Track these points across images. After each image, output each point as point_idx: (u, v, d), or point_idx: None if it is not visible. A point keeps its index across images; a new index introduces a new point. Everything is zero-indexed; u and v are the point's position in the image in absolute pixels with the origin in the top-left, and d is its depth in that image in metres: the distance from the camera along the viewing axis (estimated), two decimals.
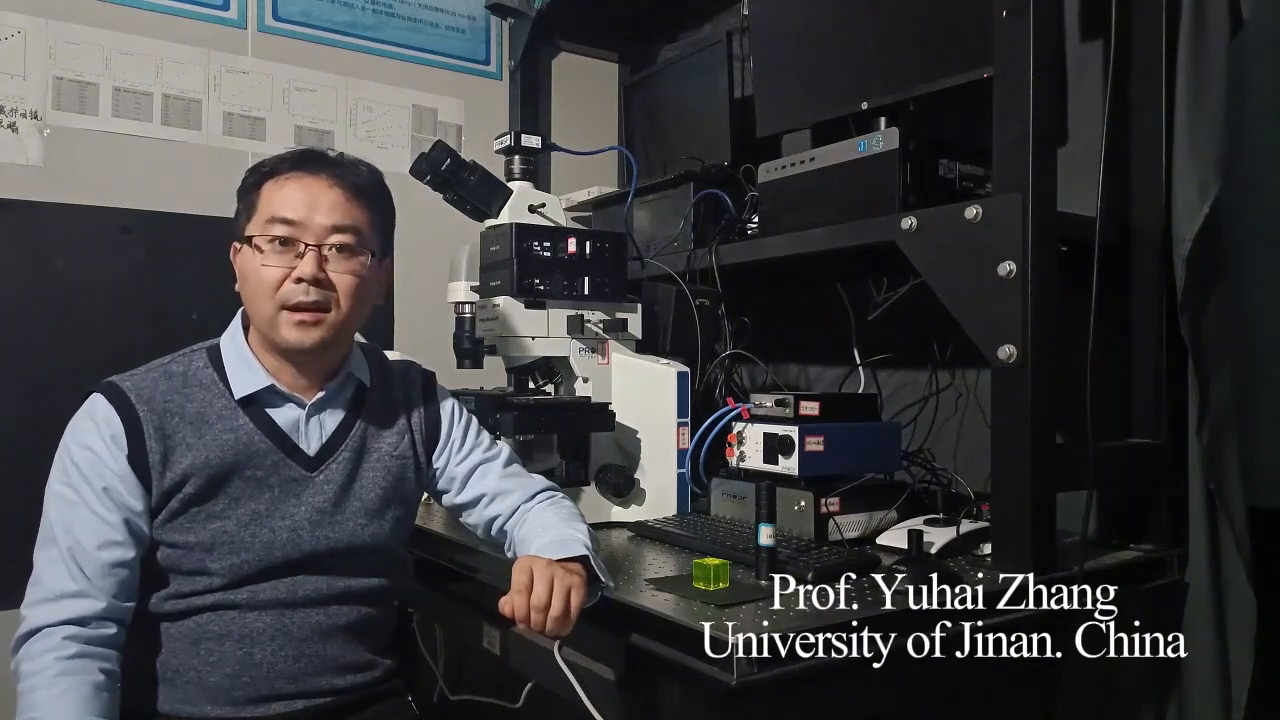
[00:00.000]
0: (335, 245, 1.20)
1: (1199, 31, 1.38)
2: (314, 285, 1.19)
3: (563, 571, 1.11)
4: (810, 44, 1.80)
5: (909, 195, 1.47)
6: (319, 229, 1.20)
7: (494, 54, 2.60)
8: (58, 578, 1.12)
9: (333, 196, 1.21)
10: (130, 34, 2.07)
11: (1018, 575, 1.23)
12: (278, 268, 1.19)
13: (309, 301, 1.19)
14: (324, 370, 1.27)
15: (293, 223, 1.19)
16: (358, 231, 1.22)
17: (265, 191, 1.22)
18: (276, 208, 1.20)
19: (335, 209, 1.21)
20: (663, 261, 1.90)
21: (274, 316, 1.19)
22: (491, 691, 1.84)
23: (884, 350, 1.79)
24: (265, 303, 1.19)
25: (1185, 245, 1.38)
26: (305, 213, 1.19)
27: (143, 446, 1.16)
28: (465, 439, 1.40)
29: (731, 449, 1.56)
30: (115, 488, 1.15)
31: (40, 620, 1.10)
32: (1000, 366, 1.24)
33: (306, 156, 1.24)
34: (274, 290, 1.19)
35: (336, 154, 1.27)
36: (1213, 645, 1.40)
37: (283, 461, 1.23)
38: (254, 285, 1.20)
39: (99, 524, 1.13)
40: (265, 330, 1.22)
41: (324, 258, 1.20)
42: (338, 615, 1.24)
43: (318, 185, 1.21)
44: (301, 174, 1.22)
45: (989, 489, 1.31)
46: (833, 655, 1.04)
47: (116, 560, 1.13)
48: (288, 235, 1.19)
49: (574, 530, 1.23)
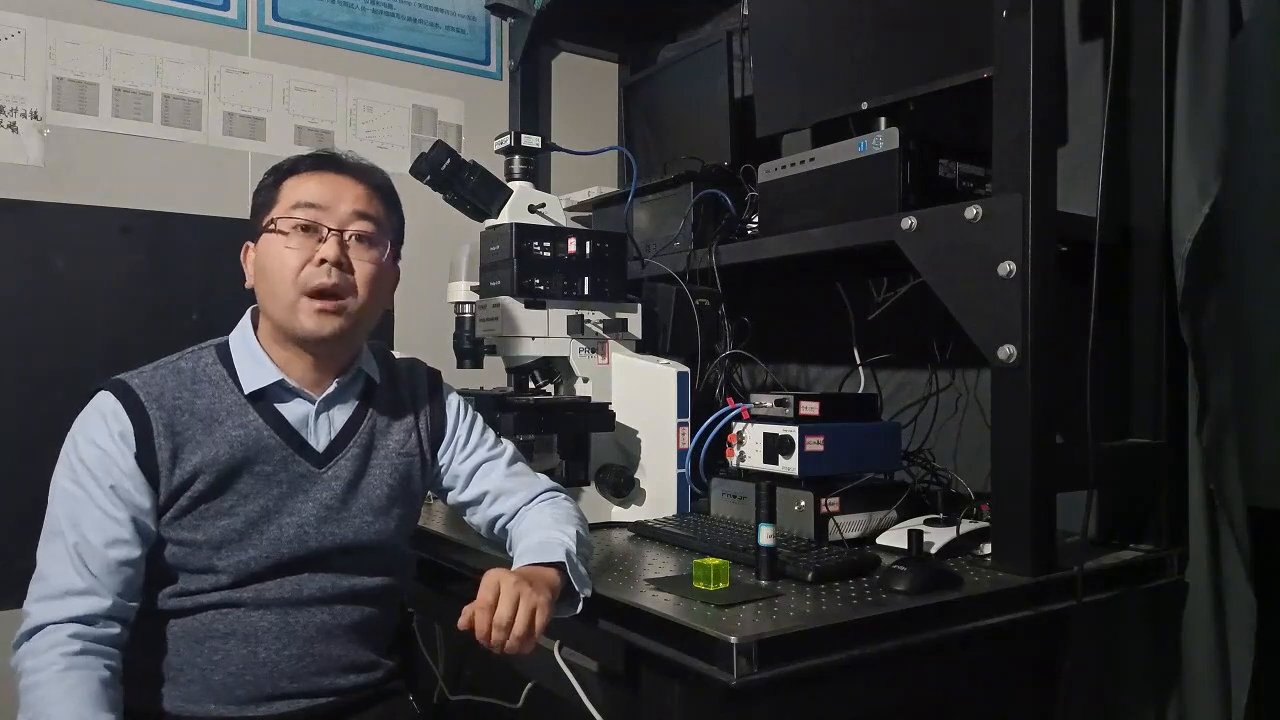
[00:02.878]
0: (357, 233, 1.22)
1: (1199, 31, 1.38)
2: (335, 268, 1.20)
3: (529, 589, 1.08)
4: (810, 44, 1.80)
5: (909, 195, 1.47)
6: (343, 215, 1.22)
7: (494, 54, 2.60)
8: (64, 574, 1.11)
9: (356, 190, 1.24)
10: (130, 34, 2.07)
11: (1017, 575, 1.24)
12: (300, 250, 1.20)
13: (330, 285, 1.19)
14: (336, 365, 1.28)
15: (317, 206, 1.21)
16: (378, 223, 1.25)
17: (288, 185, 1.24)
18: (301, 195, 1.22)
19: (359, 199, 1.24)
20: (663, 261, 1.90)
21: (294, 303, 1.20)
22: (491, 691, 1.84)
23: (884, 350, 1.79)
24: (286, 289, 1.19)
25: (1185, 245, 1.38)
26: (330, 199, 1.22)
27: (151, 445, 1.16)
28: (470, 437, 1.40)
29: (731, 449, 1.56)
30: (123, 485, 1.14)
31: (45, 617, 1.09)
32: (1000, 366, 1.25)
33: (327, 156, 1.27)
34: (295, 274, 1.19)
35: (353, 157, 1.29)
36: (1213, 645, 1.40)
37: (291, 457, 1.23)
38: (275, 270, 1.20)
39: (107, 521, 1.13)
40: (283, 319, 1.21)
41: (345, 244, 1.21)
42: (342, 614, 1.24)
43: (341, 179, 1.24)
44: (325, 170, 1.24)
45: (989, 489, 1.30)
46: (832, 655, 1.04)
47: (123, 558, 1.13)
48: (311, 220, 1.20)
49: (562, 534, 1.22)
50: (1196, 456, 1.42)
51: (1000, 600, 1.21)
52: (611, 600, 1.16)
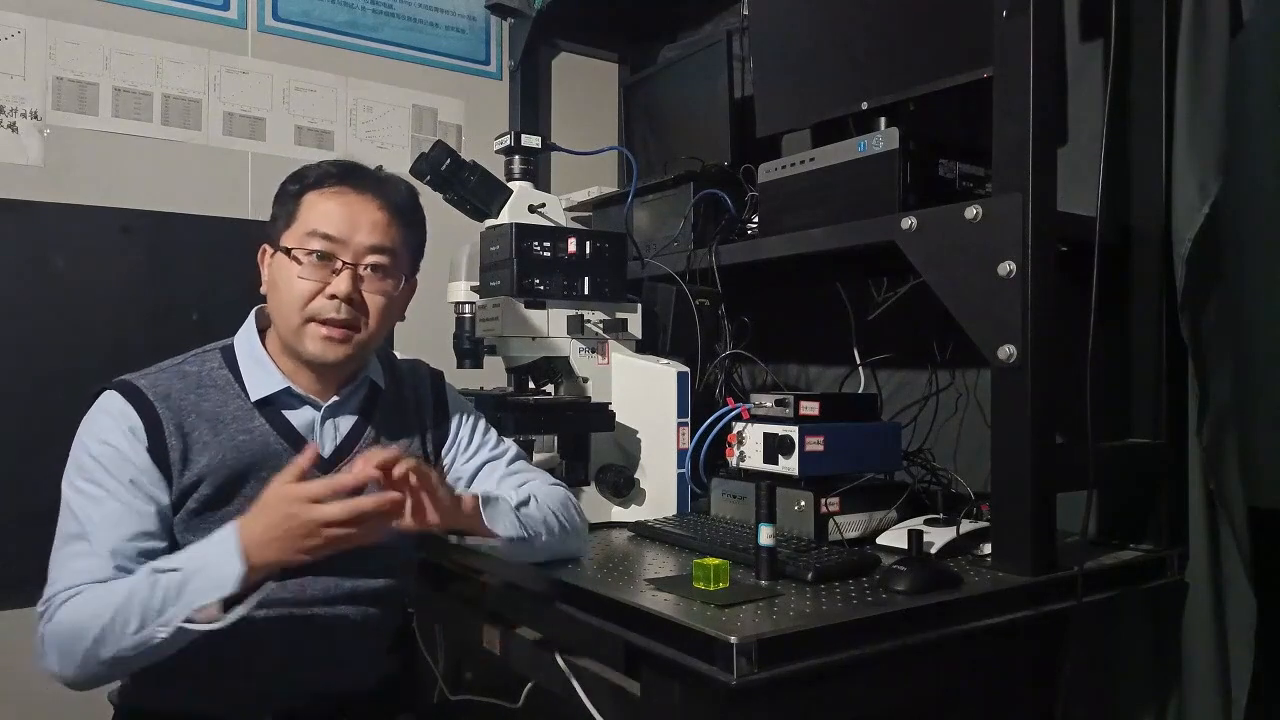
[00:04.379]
0: (371, 265, 1.21)
1: (1199, 31, 1.38)
2: (346, 304, 1.19)
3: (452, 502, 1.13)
4: (810, 43, 1.80)
5: (909, 195, 1.47)
6: (358, 248, 1.20)
7: (494, 54, 2.60)
8: (89, 570, 1.08)
9: (375, 217, 1.22)
10: (130, 34, 2.07)
11: (1017, 575, 1.24)
12: (312, 281, 1.19)
13: (339, 319, 1.19)
14: (341, 377, 1.28)
15: (333, 239, 1.19)
16: (394, 253, 1.23)
17: (307, 201, 1.22)
18: (318, 221, 1.19)
19: (376, 229, 1.21)
20: (663, 261, 1.90)
21: (301, 328, 1.20)
22: (491, 691, 1.83)
23: (884, 350, 1.79)
24: (294, 313, 1.20)
25: (1185, 245, 1.38)
26: (347, 230, 1.20)
27: (163, 441, 1.15)
28: (473, 437, 1.40)
29: (731, 449, 1.56)
30: (140, 480, 1.13)
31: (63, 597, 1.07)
32: (1000, 366, 1.24)
33: (351, 170, 1.24)
34: (305, 302, 1.19)
35: (377, 169, 1.28)
36: (1213, 645, 1.40)
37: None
38: (285, 295, 1.20)
39: (130, 515, 1.12)
40: (289, 339, 1.22)
41: (359, 277, 1.20)
42: (344, 615, 1.24)
43: (361, 204, 1.21)
44: (346, 189, 1.22)
45: (989, 489, 1.30)
46: (832, 655, 1.04)
47: (149, 550, 1.12)
48: (326, 250, 1.19)
49: (511, 493, 1.25)
50: (1196, 456, 1.42)
51: (1000, 600, 1.21)
52: (611, 600, 1.16)
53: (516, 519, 1.23)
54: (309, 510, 1.02)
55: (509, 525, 1.21)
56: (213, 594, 1.02)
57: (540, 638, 1.32)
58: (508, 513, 1.22)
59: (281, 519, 1.03)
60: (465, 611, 1.56)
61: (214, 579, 1.03)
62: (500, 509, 1.21)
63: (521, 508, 1.25)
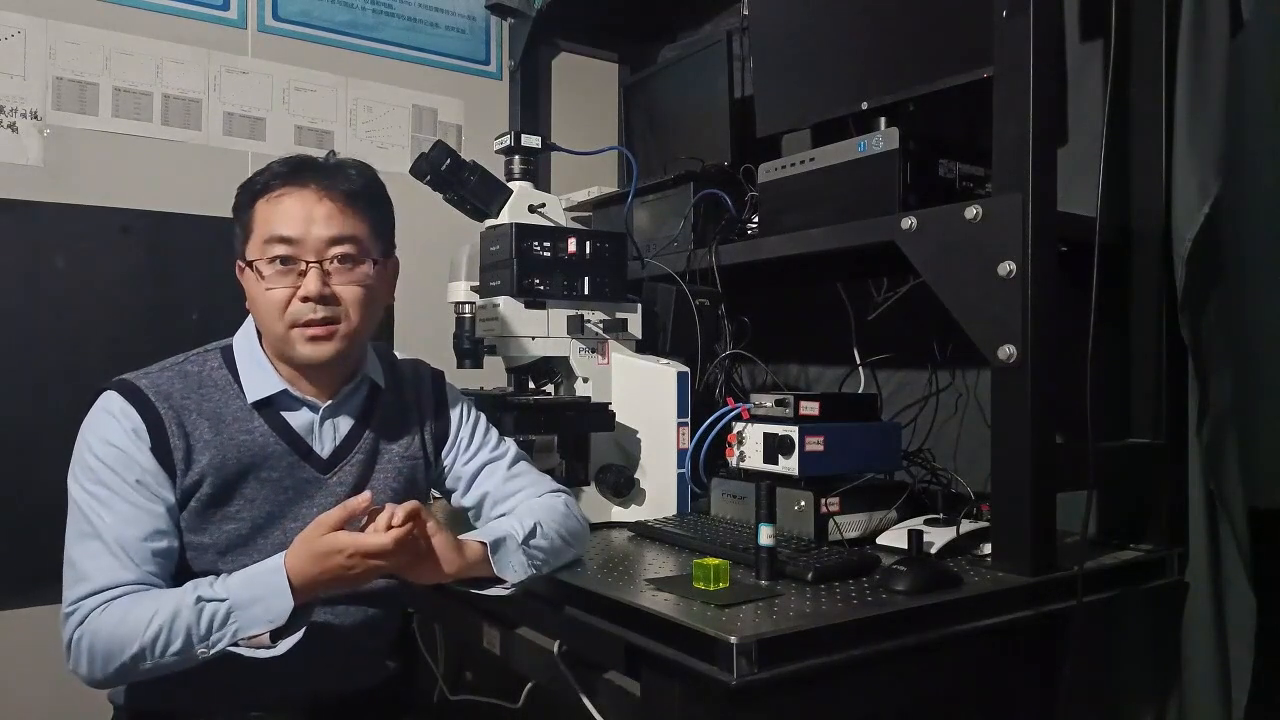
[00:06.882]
0: (336, 257, 1.19)
1: (1199, 31, 1.38)
2: (320, 303, 1.18)
3: (439, 528, 1.15)
4: (810, 44, 1.80)
5: (909, 195, 1.47)
6: (317, 244, 1.18)
7: (494, 54, 2.60)
8: (109, 570, 1.10)
9: (326, 208, 1.19)
10: (130, 34, 2.07)
11: (1017, 575, 1.23)
12: (281, 288, 1.18)
13: (318, 319, 1.18)
14: (339, 376, 1.27)
15: (290, 240, 1.17)
16: (356, 240, 1.21)
17: (258, 211, 1.20)
18: (272, 227, 1.18)
19: (331, 221, 1.19)
20: (663, 261, 1.90)
21: (286, 335, 1.19)
22: (491, 691, 1.83)
23: (884, 350, 1.79)
24: (275, 323, 1.19)
25: (1185, 245, 1.38)
26: (301, 229, 1.17)
27: (166, 441, 1.15)
28: (473, 438, 1.40)
29: (731, 449, 1.56)
30: (146, 480, 1.14)
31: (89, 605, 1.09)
32: (1000, 366, 1.25)
33: (295, 167, 1.21)
34: (281, 311, 1.18)
35: (326, 158, 1.25)
36: (1213, 645, 1.40)
37: (297, 464, 1.23)
38: (262, 307, 1.19)
39: (140, 514, 1.13)
40: (279, 348, 1.22)
41: (326, 272, 1.18)
42: (345, 616, 1.25)
43: (309, 198, 1.19)
44: (291, 187, 1.19)
45: (989, 489, 1.30)
46: (832, 655, 1.04)
47: (162, 548, 1.13)
48: (287, 254, 1.17)
49: (519, 524, 1.24)
50: (1196, 456, 1.42)
51: (1000, 600, 1.21)
52: (611, 600, 1.16)
53: (524, 557, 1.22)
54: (365, 563, 1.08)
55: (518, 567, 1.21)
56: (264, 627, 1.07)
57: (540, 638, 1.32)
58: (515, 551, 1.21)
59: (337, 568, 1.08)
60: (465, 611, 1.56)
61: (265, 613, 1.07)
62: (508, 550, 1.21)
63: (529, 541, 1.23)
